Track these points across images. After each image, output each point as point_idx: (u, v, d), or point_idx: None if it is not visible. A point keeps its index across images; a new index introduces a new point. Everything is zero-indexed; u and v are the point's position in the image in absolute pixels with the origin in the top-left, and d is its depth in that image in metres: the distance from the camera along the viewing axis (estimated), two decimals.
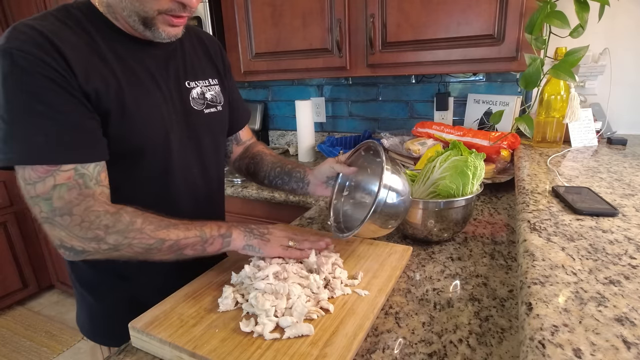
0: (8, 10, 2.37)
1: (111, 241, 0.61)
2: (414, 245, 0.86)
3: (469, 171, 0.79)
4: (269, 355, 0.52)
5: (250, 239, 0.71)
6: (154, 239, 0.63)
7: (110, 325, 0.79)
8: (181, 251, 0.66)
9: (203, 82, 0.81)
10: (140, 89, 0.69)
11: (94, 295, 0.81)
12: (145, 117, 0.69)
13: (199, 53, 0.83)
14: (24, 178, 0.58)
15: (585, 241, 0.55)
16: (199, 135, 0.80)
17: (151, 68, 0.72)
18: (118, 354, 0.59)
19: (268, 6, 1.51)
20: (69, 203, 0.59)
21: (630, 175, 0.84)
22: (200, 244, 0.67)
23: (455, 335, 0.58)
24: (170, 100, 0.74)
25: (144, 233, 0.63)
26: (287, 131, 2.09)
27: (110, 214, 0.62)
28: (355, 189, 0.88)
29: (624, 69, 1.31)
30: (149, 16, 0.65)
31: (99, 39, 0.66)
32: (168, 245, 0.64)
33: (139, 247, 0.63)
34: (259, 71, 1.64)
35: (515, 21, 1.14)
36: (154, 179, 0.74)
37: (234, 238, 0.69)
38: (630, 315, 0.39)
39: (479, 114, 1.53)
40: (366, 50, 1.40)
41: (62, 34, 0.61)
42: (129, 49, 0.69)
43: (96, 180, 0.63)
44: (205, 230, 0.68)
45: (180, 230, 0.66)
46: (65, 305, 2.48)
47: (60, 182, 0.59)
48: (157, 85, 0.72)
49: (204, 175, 0.83)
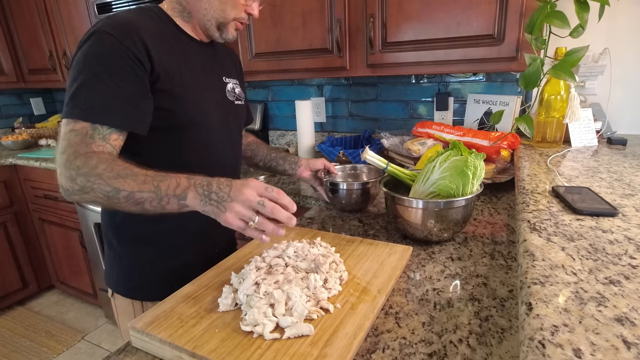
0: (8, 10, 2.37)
1: (79, 182, 0.64)
2: (414, 245, 0.86)
3: (469, 171, 0.79)
4: (269, 355, 0.52)
5: (205, 205, 0.63)
6: (110, 187, 0.63)
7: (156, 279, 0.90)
8: (141, 206, 0.64)
9: (232, 79, 0.98)
10: (195, 76, 0.85)
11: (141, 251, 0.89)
12: (197, 98, 0.84)
13: (227, 56, 1.02)
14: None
15: (585, 241, 0.55)
16: (230, 122, 0.96)
17: (202, 62, 0.88)
18: (118, 354, 0.59)
19: (268, 6, 1.51)
20: (69, 145, 0.67)
21: (630, 175, 0.84)
22: (156, 201, 0.64)
23: (455, 335, 0.58)
24: (215, 88, 0.92)
25: (102, 179, 0.63)
26: (287, 131, 2.09)
27: (85, 156, 0.65)
28: None
29: (624, 69, 1.31)
30: (226, 21, 0.84)
31: (168, 34, 0.82)
32: (124, 196, 0.64)
33: (100, 192, 0.64)
34: (259, 71, 1.64)
35: (515, 21, 1.14)
36: (195, 150, 0.86)
37: (189, 200, 0.64)
38: (630, 315, 0.38)
39: (479, 114, 1.53)
40: (366, 50, 1.40)
41: (146, 25, 0.76)
42: (188, 45, 0.86)
43: (104, 138, 0.70)
44: (162, 186, 0.64)
45: (137, 182, 0.64)
46: (65, 305, 2.48)
47: (76, 128, 0.68)
48: (206, 75, 0.89)
49: (232, 153, 0.98)
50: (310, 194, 1.33)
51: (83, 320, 2.32)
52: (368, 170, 1.19)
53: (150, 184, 0.64)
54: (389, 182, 0.95)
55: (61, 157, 0.67)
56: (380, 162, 0.93)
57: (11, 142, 2.37)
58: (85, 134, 0.68)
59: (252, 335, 0.56)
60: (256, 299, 0.61)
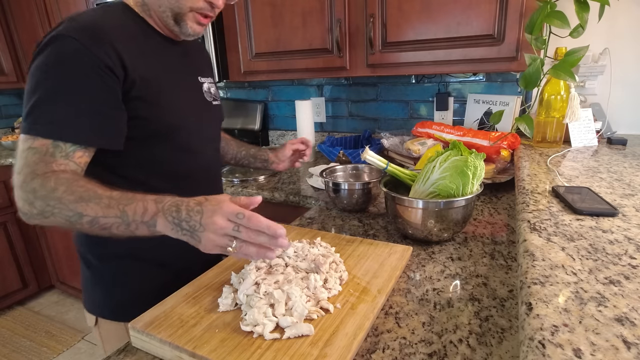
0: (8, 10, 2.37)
1: (38, 206, 0.59)
2: (414, 245, 0.86)
3: (469, 171, 0.79)
4: (269, 355, 0.52)
5: (177, 233, 0.57)
6: (72, 211, 0.58)
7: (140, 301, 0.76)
8: (108, 231, 0.59)
9: (207, 79, 0.92)
10: (171, 78, 0.79)
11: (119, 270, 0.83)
12: (174, 102, 0.78)
13: (199, 54, 0.95)
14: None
15: (585, 241, 0.55)
16: (210, 123, 0.91)
17: (177, 62, 0.82)
18: (118, 354, 0.59)
19: (268, 6, 1.51)
20: (26, 164, 0.62)
21: (630, 175, 0.84)
22: (123, 226, 0.59)
23: (455, 335, 0.58)
24: (192, 90, 0.86)
25: (62, 202, 0.58)
26: (287, 131, 2.09)
27: (42, 177, 0.60)
28: None
29: (624, 69, 1.31)
30: (181, 12, 0.74)
31: (139, 34, 0.75)
32: (87, 221, 0.58)
33: (61, 217, 0.59)
34: (259, 71, 1.64)
35: (515, 21, 1.14)
36: (176, 157, 0.81)
37: (160, 227, 0.58)
38: (630, 315, 0.38)
39: (479, 114, 1.53)
40: (366, 50, 1.40)
41: (115, 26, 0.69)
42: (160, 44, 0.79)
43: (67, 155, 0.63)
44: (128, 211, 0.58)
45: (101, 206, 0.58)
46: (65, 305, 2.48)
47: (34, 146, 0.62)
48: (182, 77, 0.83)
49: (214, 157, 0.94)
50: (310, 194, 1.33)
51: (83, 320, 2.32)
52: (369, 170, 1.19)
53: (115, 208, 0.58)
54: (389, 182, 0.95)
55: (17, 178, 0.61)
56: (380, 162, 0.93)
57: (11, 142, 2.37)
58: (44, 152, 0.62)
59: (252, 335, 0.56)
60: (256, 299, 0.61)
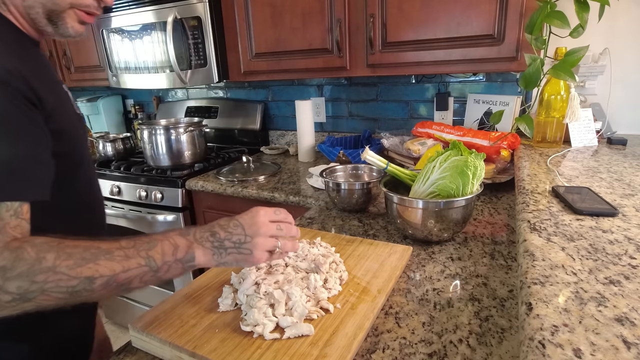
0: None
1: (13, 289, 0.45)
2: (414, 245, 0.86)
3: (469, 171, 0.79)
4: (269, 355, 0.52)
5: (222, 257, 0.55)
6: (77, 278, 0.47)
7: None
8: (125, 286, 0.51)
9: (65, 84, 0.74)
10: (60, 95, 0.64)
11: None
12: (73, 124, 0.65)
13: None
14: None
15: (585, 241, 0.55)
16: (87, 142, 0.75)
17: (51, 71, 0.66)
18: (118, 354, 0.59)
19: (268, 6, 1.51)
20: None
21: (630, 175, 0.84)
22: (150, 274, 0.52)
23: (455, 335, 0.58)
24: (69, 102, 0.69)
25: (60, 272, 0.47)
26: (287, 131, 2.09)
27: (10, 250, 0.46)
28: None
29: (624, 69, 1.31)
30: (58, 9, 0.60)
31: (18, 43, 0.59)
32: (101, 283, 0.48)
33: (58, 292, 0.47)
34: (259, 71, 1.64)
35: (515, 21, 1.14)
36: (83, 190, 0.69)
37: (199, 259, 0.54)
38: (630, 315, 0.38)
39: (479, 114, 1.53)
40: (366, 50, 1.40)
41: (7, 43, 0.55)
42: (34, 51, 0.63)
43: (16, 214, 0.51)
44: (155, 256, 0.52)
45: (116, 261, 0.50)
46: None
47: None
48: (60, 89, 0.66)
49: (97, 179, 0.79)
50: (310, 194, 1.33)
51: None
52: (369, 170, 1.19)
53: (138, 257, 0.51)
54: (389, 182, 0.95)
55: None
56: (380, 162, 0.93)
57: None
58: None
59: (252, 335, 0.56)
60: (256, 299, 0.61)
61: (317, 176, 1.42)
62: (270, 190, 1.40)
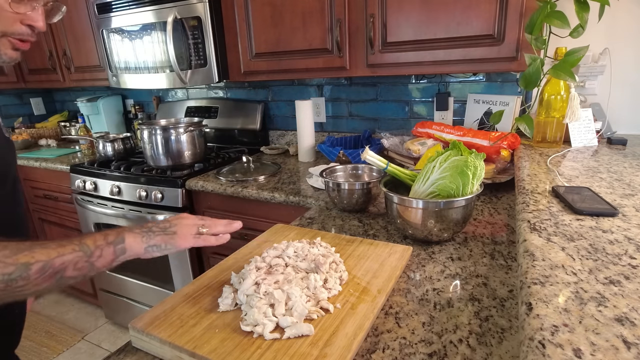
0: None
1: None
2: (414, 245, 0.86)
3: (469, 171, 0.79)
4: (269, 355, 0.52)
5: (150, 239, 0.60)
6: (13, 265, 0.49)
7: None
8: (60, 274, 0.52)
9: None
10: None
11: None
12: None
13: None
14: None
15: (585, 241, 0.55)
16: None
17: None
18: (118, 354, 0.59)
19: (268, 6, 1.51)
20: None
21: (630, 175, 0.84)
22: (84, 260, 0.54)
23: (455, 335, 0.58)
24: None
25: None
26: (287, 131, 2.09)
27: None
28: None
29: (624, 69, 1.31)
30: None
31: None
32: (37, 269, 0.50)
33: None
34: (259, 71, 1.64)
35: (515, 21, 1.14)
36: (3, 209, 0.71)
37: (129, 242, 0.59)
38: (630, 315, 0.38)
39: (479, 114, 1.53)
40: (366, 50, 1.40)
41: None
42: None
43: None
44: (87, 242, 0.55)
45: (51, 248, 0.52)
46: (65, 305, 2.48)
47: None
48: None
49: None
50: (310, 194, 1.33)
51: (83, 320, 2.32)
52: (369, 170, 1.19)
53: (72, 244, 0.54)
54: (389, 182, 0.95)
55: None
56: (380, 162, 0.93)
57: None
58: None
59: (252, 335, 0.56)
60: (256, 299, 0.61)
61: (317, 176, 1.42)
62: (270, 190, 1.40)
